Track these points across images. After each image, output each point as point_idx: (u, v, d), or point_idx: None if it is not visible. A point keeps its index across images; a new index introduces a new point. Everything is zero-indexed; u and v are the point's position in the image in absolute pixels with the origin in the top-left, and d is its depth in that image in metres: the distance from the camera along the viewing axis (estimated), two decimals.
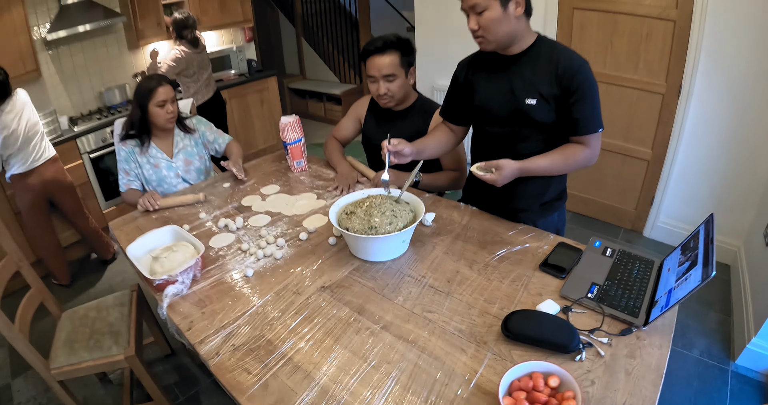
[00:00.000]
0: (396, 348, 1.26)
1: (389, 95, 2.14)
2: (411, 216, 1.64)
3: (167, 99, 2.36)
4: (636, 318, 1.30)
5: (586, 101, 1.62)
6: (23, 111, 3.10)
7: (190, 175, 2.58)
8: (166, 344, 2.63)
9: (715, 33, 2.87)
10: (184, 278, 1.56)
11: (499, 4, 1.51)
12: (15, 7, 3.75)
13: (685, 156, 3.26)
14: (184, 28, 4.14)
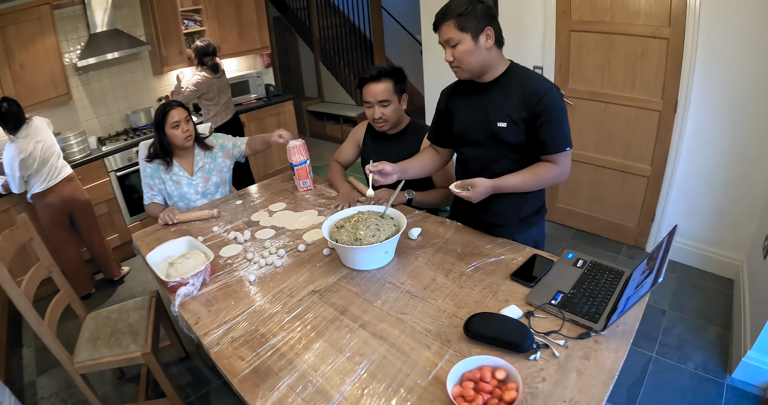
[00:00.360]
0: (369, 343, 1.43)
1: (384, 119, 2.35)
2: (394, 229, 1.83)
3: (180, 119, 2.60)
4: (595, 323, 1.41)
5: (552, 123, 1.76)
6: (38, 135, 3.38)
7: (209, 190, 2.81)
8: (181, 348, 2.83)
9: (707, 48, 2.93)
10: (194, 281, 1.78)
11: (470, 37, 1.71)
12: (48, 35, 4.06)
13: (685, 171, 3.30)
14: (204, 55, 4.40)
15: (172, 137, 2.63)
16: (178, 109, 2.61)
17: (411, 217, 2.24)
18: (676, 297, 3.12)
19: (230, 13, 5.23)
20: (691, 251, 3.42)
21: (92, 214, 3.84)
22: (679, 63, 3.07)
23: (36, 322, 1.98)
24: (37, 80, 4.08)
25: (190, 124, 2.68)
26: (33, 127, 3.39)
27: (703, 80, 3.02)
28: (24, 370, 3.09)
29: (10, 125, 3.25)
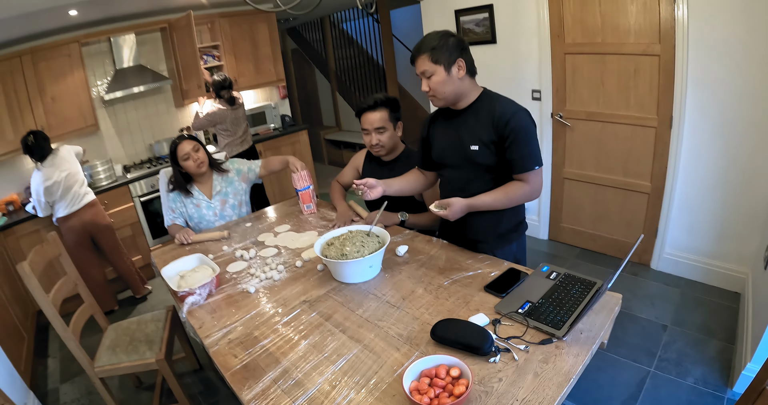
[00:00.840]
0: (347, 345, 1.62)
1: (380, 145, 2.56)
2: (378, 246, 2.02)
3: (189, 151, 2.85)
4: (558, 330, 1.51)
5: (519, 144, 1.91)
6: (63, 165, 3.69)
7: (226, 212, 3.05)
8: (195, 359, 3.04)
9: (698, 63, 3.00)
10: (201, 291, 2.01)
11: (443, 69, 1.90)
12: (77, 70, 4.40)
13: (684, 186, 3.33)
14: (221, 89, 4.68)
15: (186, 168, 2.89)
16: (185, 142, 2.87)
17: (401, 236, 2.43)
18: (679, 312, 3.13)
19: (246, 48, 5.54)
20: (696, 266, 3.43)
21: (113, 237, 4.11)
22: (672, 78, 3.15)
23: (61, 328, 2.22)
24: (67, 112, 4.44)
25: (200, 152, 2.92)
26: (59, 157, 3.70)
27: (696, 94, 3.08)
28: (48, 378, 3.36)
29: (36, 155, 3.59)
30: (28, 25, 3.97)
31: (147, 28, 4.99)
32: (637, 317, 3.12)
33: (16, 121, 4.20)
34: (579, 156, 3.89)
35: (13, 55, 4.16)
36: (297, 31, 8.49)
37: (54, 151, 3.73)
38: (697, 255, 3.42)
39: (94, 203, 3.97)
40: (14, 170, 4.51)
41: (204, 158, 2.93)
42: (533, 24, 3.78)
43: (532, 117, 1.98)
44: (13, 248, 4.01)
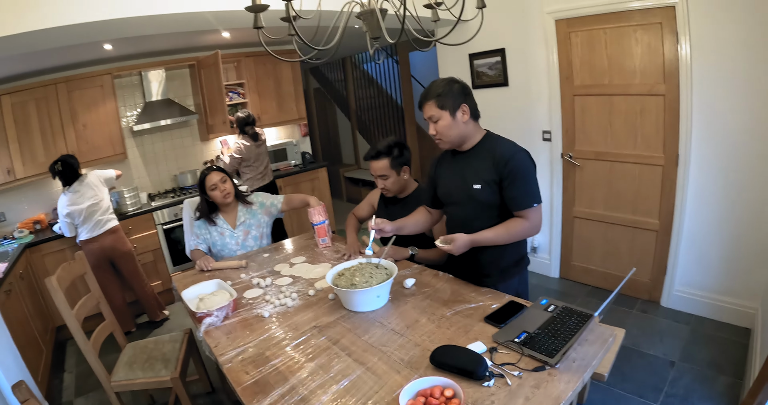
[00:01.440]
0: (351, 367, 1.73)
1: (386, 189, 2.75)
2: (385, 278, 2.14)
3: (217, 182, 3.02)
4: (551, 358, 1.58)
5: (519, 183, 2.04)
6: (88, 192, 3.90)
7: (248, 243, 3.20)
8: (207, 382, 3.13)
9: (702, 100, 3.10)
10: (218, 314, 2.15)
11: (448, 114, 2.06)
12: (109, 100, 4.65)
13: (692, 222, 3.38)
14: (245, 125, 4.86)
15: (213, 197, 3.07)
16: (214, 173, 3.05)
17: (410, 270, 2.55)
18: (688, 348, 3.14)
19: (270, 86, 5.77)
20: (705, 302, 3.45)
21: (133, 263, 4.26)
22: (677, 117, 3.26)
23: (83, 341, 2.37)
24: (98, 139, 4.68)
25: (228, 183, 3.10)
26: (85, 184, 3.92)
27: (701, 131, 3.17)
28: (64, 391, 3.50)
29: (62, 181, 3.83)
30: (65, 56, 4.22)
31: (176, 64, 5.27)
32: (645, 353, 3.15)
33: (48, 145, 4.46)
34: (588, 195, 3.98)
35: (49, 83, 4.44)
36: (319, 71, 8.76)
37: (82, 177, 3.94)
38: (707, 291, 3.44)
39: (116, 230, 4.13)
40: (43, 191, 4.78)
41: (230, 189, 3.10)
42: (543, 67, 3.94)
43: (531, 158, 2.11)
44: (38, 265, 4.21)
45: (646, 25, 3.29)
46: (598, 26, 3.55)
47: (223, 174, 3.09)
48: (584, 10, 3.56)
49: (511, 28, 4.07)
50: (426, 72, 7.16)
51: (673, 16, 3.13)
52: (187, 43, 4.99)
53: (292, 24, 1.64)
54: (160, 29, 3.22)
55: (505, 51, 4.16)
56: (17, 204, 4.68)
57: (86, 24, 2.62)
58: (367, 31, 1.77)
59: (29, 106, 4.36)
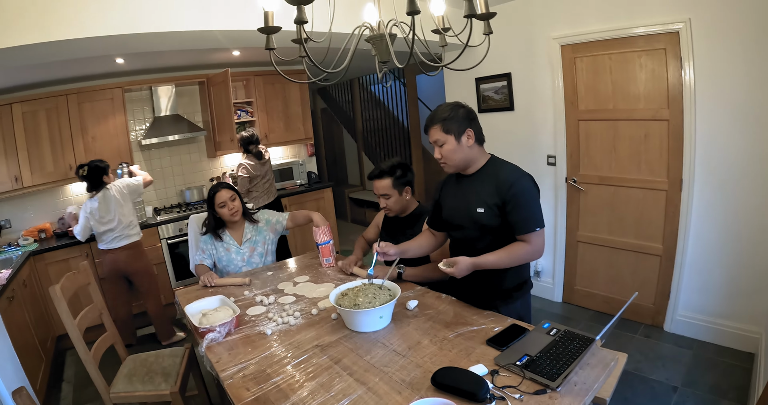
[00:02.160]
0: (352, 386, 1.72)
1: (388, 208, 2.79)
2: (388, 299, 2.15)
3: (226, 200, 3.05)
4: (553, 382, 1.60)
5: (521, 207, 2.06)
6: (107, 205, 3.91)
7: (254, 259, 3.22)
8: (206, 398, 3.11)
9: (706, 125, 3.13)
10: (221, 329, 2.16)
11: (453, 138, 2.09)
12: (118, 113, 4.73)
13: (695, 247, 3.39)
14: (249, 143, 4.89)
15: (221, 214, 3.10)
16: (224, 190, 3.08)
17: (412, 291, 2.55)
18: (690, 373, 3.12)
19: (278, 106, 5.85)
20: (708, 327, 3.43)
21: (148, 280, 4.25)
22: (681, 142, 3.28)
23: (83, 351, 2.38)
24: (106, 151, 4.73)
25: (236, 202, 3.13)
26: (107, 197, 3.93)
27: (704, 156, 3.19)
28: (62, 401, 3.51)
29: (87, 186, 3.90)
30: (77, 68, 4.30)
31: (186, 80, 5.35)
32: (647, 379, 3.13)
33: (56, 155, 4.52)
34: (592, 219, 4.00)
35: (60, 93, 4.52)
36: (327, 92, 8.85)
37: (105, 190, 3.96)
38: (710, 316, 3.43)
39: (133, 246, 4.12)
40: (50, 200, 4.84)
41: (239, 207, 3.14)
42: (549, 92, 3.99)
43: (535, 182, 2.14)
44: (41, 273, 4.24)
45: (651, 51, 3.33)
46: (603, 52, 3.59)
47: (233, 192, 3.13)
48: (589, 35, 3.61)
49: (518, 53, 4.12)
50: (433, 95, 7.24)
51: (677, 42, 3.18)
52: (198, 61, 5.07)
53: (303, 46, 1.67)
54: (171, 46, 3.26)
55: (511, 75, 4.21)
56: (23, 212, 4.73)
57: (100, 38, 2.66)
58: (376, 55, 1.80)
59: (39, 115, 4.43)
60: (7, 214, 4.65)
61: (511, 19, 4.01)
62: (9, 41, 2.46)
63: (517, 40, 4.09)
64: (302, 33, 1.69)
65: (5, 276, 3.45)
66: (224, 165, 5.90)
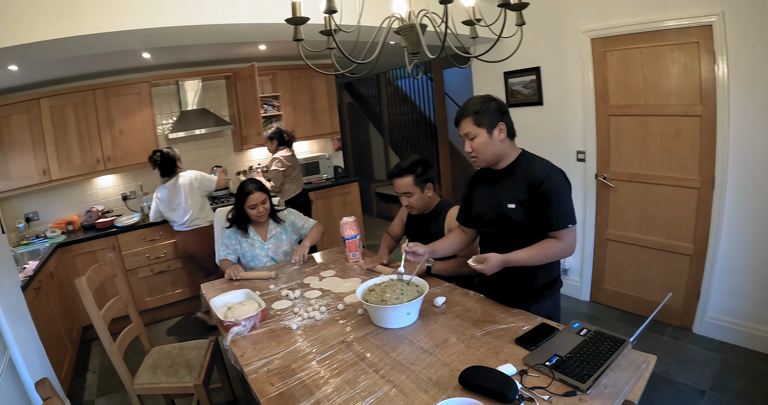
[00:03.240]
0: (378, 384, 1.70)
1: (410, 206, 2.77)
2: (416, 295, 2.11)
3: (257, 203, 3.05)
4: (583, 384, 1.56)
5: (553, 203, 2.01)
6: (175, 193, 4.18)
7: (278, 256, 3.22)
8: (230, 391, 3.13)
9: (739, 122, 3.03)
10: (246, 323, 2.15)
11: (485, 131, 2.04)
12: (145, 107, 4.77)
13: (727, 247, 3.29)
14: (282, 134, 4.85)
15: (248, 214, 3.10)
16: (257, 193, 3.07)
17: (440, 288, 2.52)
18: (719, 377, 3.04)
19: (305, 100, 5.84)
20: (738, 330, 3.33)
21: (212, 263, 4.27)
22: (713, 139, 3.18)
23: (108, 342, 2.41)
24: (133, 145, 4.79)
25: (267, 204, 3.13)
26: (176, 185, 4.21)
27: (737, 154, 3.10)
28: (86, 390, 3.56)
29: (160, 172, 4.16)
30: (104, 63, 4.35)
31: (213, 75, 5.36)
32: (675, 382, 3.05)
33: (84, 149, 4.58)
34: (622, 217, 3.92)
35: (87, 88, 4.58)
36: (353, 87, 8.84)
37: (176, 177, 4.22)
38: (740, 319, 3.33)
39: (198, 231, 4.33)
40: (77, 194, 4.92)
41: (267, 210, 3.15)
42: (578, 86, 3.91)
43: (566, 178, 2.09)
44: (68, 265, 4.32)
45: (683, 45, 3.24)
46: (633, 45, 3.51)
47: (266, 196, 3.13)
48: (620, 28, 3.53)
49: (547, 46, 4.06)
50: (460, 90, 7.18)
51: (709, 36, 3.08)
52: (224, 55, 5.08)
53: (333, 37, 1.64)
54: (197, 39, 3.27)
55: (540, 69, 4.15)
56: (51, 204, 4.80)
57: (126, 32, 2.68)
58: (406, 47, 1.76)
59: (67, 109, 4.48)
60: (35, 206, 4.72)
61: (540, 12, 3.92)
62: (37, 36, 2.49)
63: (547, 34, 4.02)
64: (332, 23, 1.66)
65: (32, 267, 3.50)
66: (251, 159, 5.92)
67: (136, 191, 5.19)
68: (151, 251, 4.64)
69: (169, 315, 4.81)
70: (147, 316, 4.65)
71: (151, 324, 4.67)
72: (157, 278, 4.70)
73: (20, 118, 4.28)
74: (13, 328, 2.55)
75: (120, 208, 5.12)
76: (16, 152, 4.29)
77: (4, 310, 2.49)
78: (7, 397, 2.29)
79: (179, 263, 4.76)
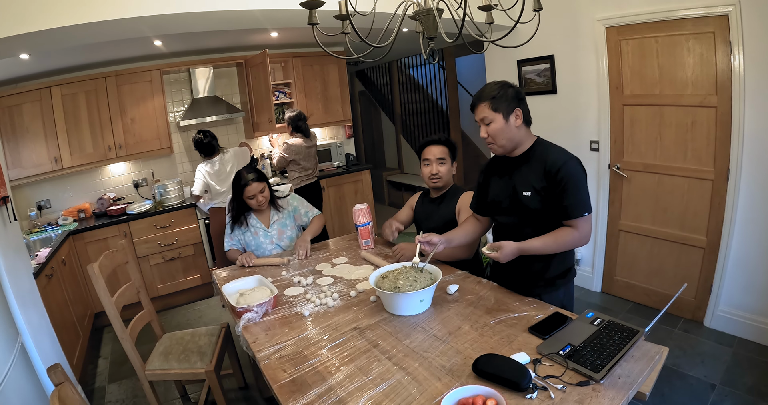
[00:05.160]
0: (391, 371, 1.69)
1: (438, 176, 2.74)
2: (429, 282, 2.11)
3: (255, 194, 3.02)
4: (597, 373, 1.53)
5: (569, 191, 1.99)
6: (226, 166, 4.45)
7: (283, 242, 3.20)
8: (241, 377, 3.15)
9: (755, 114, 2.98)
10: (258, 309, 2.16)
11: (501, 117, 2.02)
12: (157, 96, 4.77)
13: (741, 241, 3.24)
14: (298, 121, 4.87)
15: (248, 204, 3.09)
16: (255, 184, 3.03)
17: (453, 275, 2.51)
18: (730, 372, 3.01)
19: (317, 88, 5.82)
20: (750, 325, 3.29)
21: None
22: (728, 131, 3.14)
23: (120, 328, 2.42)
24: (145, 133, 4.81)
25: (266, 193, 3.10)
26: (224, 160, 4.47)
27: (753, 147, 3.06)
28: (97, 376, 3.59)
29: (204, 152, 4.36)
30: (115, 51, 4.35)
31: (224, 62, 5.34)
32: (686, 374, 3.03)
33: (96, 137, 4.60)
34: (635, 208, 3.88)
35: (99, 76, 4.58)
36: (365, 75, 8.81)
37: (224, 153, 4.46)
38: (753, 313, 3.29)
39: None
40: (89, 181, 4.94)
41: (267, 197, 3.12)
42: (593, 75, 3.86)
43: (582, 165, 2.06)
44: (80, 252, 4.33)
45: (699, 35, 3.19)
46: (649, 34, 3.46)
47: (264, 184, 3.09)
48: (635, 17, 3.47)
49: (561, 34, 4.00)
50: (472, 79, 7.14)
51: (726, 26, 3.03)
52: (236, 42, 5.07)
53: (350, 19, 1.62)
54: (209, 26, 3.26)
55: (554, 58, 4.10)
56: (63, 192, 4.83)
57: (137, 18, 2.67)
58: (422, 32, 1.74)
59: (79, 98, 4.49)
60: (47, 194, 4.75)
61: None
62: (48, 23, 2.48)
63: (561, 22, 3.96)
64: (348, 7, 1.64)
65: (44, 254, 3.52)
66: (263, 146, 5.91)
67: (148, 178, 5.20)
68: (162, 238, 4.65)
69: (181, 302, 4.84)
70: (159, 302, 4.67)
71: (162, 311, 4.70)
72: (169, 265, 4.72)
73: (32, 107, 4.29)
74: (25, 315, 2.56)
75: (132, 196, 5.13)
76: (28, 141, 4.30)
77: (17, 297, 2.50)
78: (19, 382, 2.30)
79: (191, 250, 4.79)
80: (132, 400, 3.23)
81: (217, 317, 4.44)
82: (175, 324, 4.39)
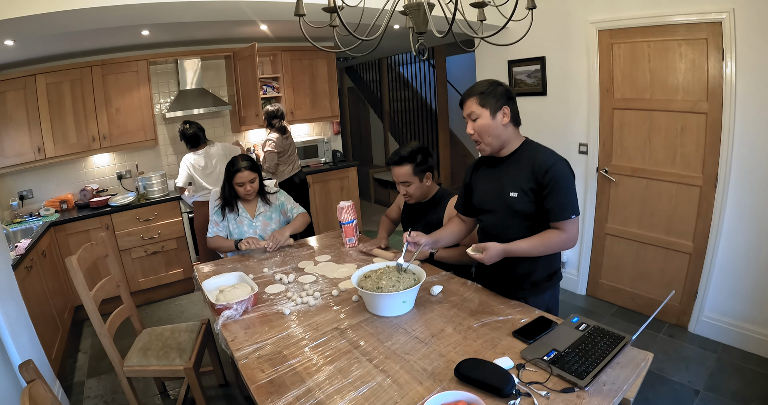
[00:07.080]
0: (371, 373, 1.66)
1: (408, 195, 2.71)
2: (413, 283, 2.07)
3: (245, 181, 3.02)
4: (581, 380, 1.53)
5: (557, 193, 1.97)
6: (212, 159, 4.39)
7: (266, 234, 3.16)
8: (221, 374, 3.11)
9: (745, 121, 2.98)
10: (237, 307, 2.11)
11: (488, 113, 1.99)
12: (143, 86, 4.70)
13: (727, 247, 3.24)
14: (273, 118, 4.87)
15: (236, 190, 3.07)
16: (248, 172, 3.03)
17: (437, 276, 2.48)
18: (714, 378, 3.02)
19: (305, 82, 5.77)
20: (735, 331, 3.30)
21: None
22: (718, 137, 3.14)
23: (98, 323, 2.36)
24: (129, 124, 4.74)
25: (255, 183, 3.09)
26: (209, 153, 4.45)
27: (742, 154, 3.05)
28: (76, 371, 3.53)
29: (190, 143, 4.34)
30: (102, 40, 4.26)
31: (212, 54, 5.27)
32: (670, 380, 3.03)
33: (80, 127, 4.52)
34: (622, 212, 3.87)
35: (84, 65, 4.49)
36: (354, 71, 8.77)
37: (209, 146, 4.42)
38: (737, 319, 3.29)
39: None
40: (72, 172, 4.85)
41: (255, 188, 3.11)
42: (583, 78, 3.85)
43: (571, 167, 2.04)
44: (61, 244, 4.26)
45: (691, 41, 3.18)
46: (641, 39, 3.45)
47: (256, 174, 3.09)
48: (628, 21, 3.47)
49: (553, 36, 3.98)
50: (462, 78, 7.13)
51: (719, 33, 3.02)
52: (224, 34, 5.01)
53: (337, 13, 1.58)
54: (196, 16, 3.20)
55: (545, 59, 4.08)
56: (45, 183, 4.75)
57: (124, 6, 2.61)
58: (412, 27, 1.70)
59: (64, 86, 4.41)
60: (29, 184, 4.66)
61: (548, 0, 3.86)
62: (33, 9, 2.42)
63: (553, 23, 3.94)
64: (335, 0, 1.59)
65: (24, 246, 3.45)
66: (249, 140, 5.86)
67: (132, 170, 5.13)
68: (145, 231, 4.58)
69: (162, 296, 4.77)
70: (140, 296, 4.61)
71: (144, 305, 4.64)
72: (151, 259, 4.65)
73: (16, 95, 4.20)
74: (2, 308, 2.51)
75: (115, 188, 5.06)
76: (11, 129, 4.21)
77: None
78: None
79: (174, 244, 4.73)
80: (111, 395, 3.18)
81: (199, 313, 4.38)
82: (156, 319, 4.33)
